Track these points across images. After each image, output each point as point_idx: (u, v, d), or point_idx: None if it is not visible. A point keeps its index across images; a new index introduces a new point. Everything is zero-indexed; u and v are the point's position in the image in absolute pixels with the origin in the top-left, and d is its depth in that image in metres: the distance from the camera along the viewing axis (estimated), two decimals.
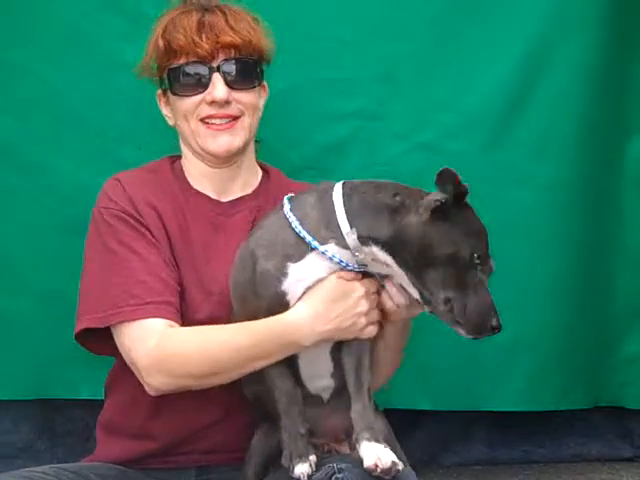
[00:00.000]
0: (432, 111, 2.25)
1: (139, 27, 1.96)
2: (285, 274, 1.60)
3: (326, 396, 1.72)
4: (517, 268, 2.29)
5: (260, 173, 1.97)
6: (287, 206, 1.64)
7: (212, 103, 1.81)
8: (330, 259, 1.59)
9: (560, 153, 2.28)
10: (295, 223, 1.61)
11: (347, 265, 1.61)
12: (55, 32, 2.19)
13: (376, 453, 1.53)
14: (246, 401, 1.81)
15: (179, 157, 1.94)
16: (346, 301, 1.62)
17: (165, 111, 1.92)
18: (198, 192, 1.88)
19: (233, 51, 1.81)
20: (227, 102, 1.81)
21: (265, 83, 1.93)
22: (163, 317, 1.71)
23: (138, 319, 1.70)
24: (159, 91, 1.92)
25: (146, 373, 1.69)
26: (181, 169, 1.92)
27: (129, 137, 2.20)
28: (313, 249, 1.59)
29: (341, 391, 1.67)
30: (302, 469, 1.60)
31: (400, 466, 1.52)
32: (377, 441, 1.55)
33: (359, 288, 1.64)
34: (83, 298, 1.79)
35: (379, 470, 1.51)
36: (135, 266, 1.74)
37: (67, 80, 2.19)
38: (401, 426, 1.90)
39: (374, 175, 2.19)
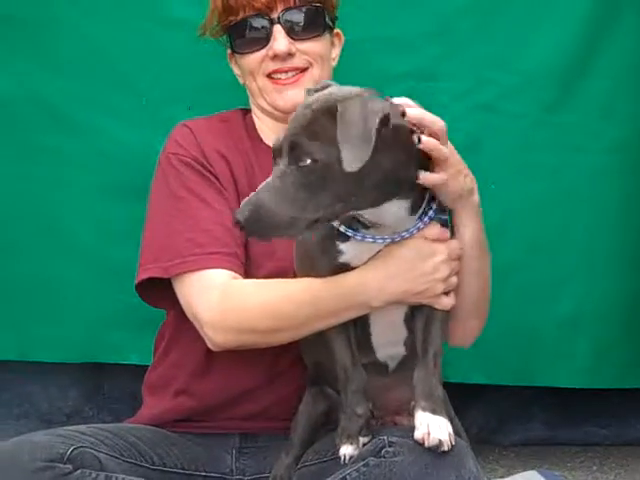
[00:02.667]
0: (490, 70, 2.16)
1: None
2: (340, 251, 1.51)
3: (393, 365, 1.63)
4: (581, 236, 2.21)
5: None
6: None
7: (275, 57, 1.74)
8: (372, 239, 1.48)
9: (628, 113, 2.18)
10: None
11: (387, 239, 1.48)
12: None
13: (427, 426, 1.44)
14: (295, 367, 1.75)
15: (250, 110, 1.88)
16: (424, 263, 1.50)
17: (236, 70, 1.86)
18: (269, 147, 1.82)
19: (292, 0, 1.74)
20: (290, 54, 1.74)
21: (339, 30, 1.85)
22: (227, 268, 1.65)
23: (201, 269, 1.64)
24: (229, 51, 1.85)
25: (208, 328, 1.63)
26: (252, 122, 1.86)
27: (178, 97, 2.16)
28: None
29: (407, 361, 1.59)
30: (346, 450, 1.52)
31: (446, 447, 1.42)
32: (434, 412, 1.46)
33: (441, 251, 1.51)
34: (147, 246, 1.73)
35: (426, 445, 1.43)
36: (202, 214, 1.69)
37: (114, 37, 2.16)
38: (457, 403, 1.81)
39: None
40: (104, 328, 2.24)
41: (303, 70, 1.76)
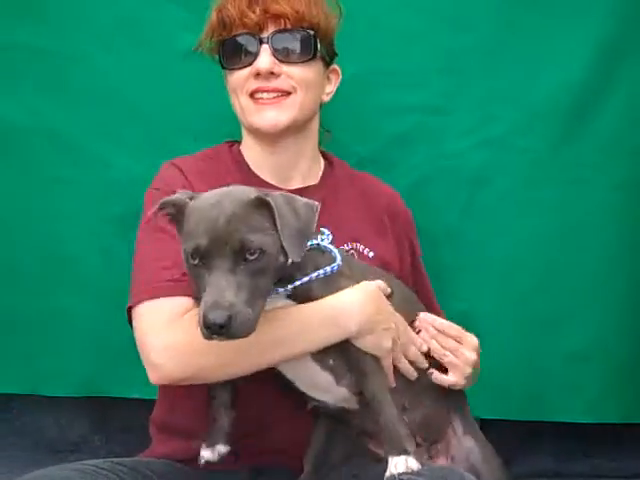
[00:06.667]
0: (498, 106, 2.18)
1: (197, 15, 1.91)
2: None
3: (353, 405, 1.66)
4: (589, 272, 2.21)
5: (323, 162, 1.92)
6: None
7: (257, 75, 1.76)
8: None
9: (634, 149, 2.19)
10: None
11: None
12: (111, 20, 2.18)
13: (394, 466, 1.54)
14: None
15: (237, 142, 1.90)
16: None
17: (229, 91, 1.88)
18: (260, 179, 1.84)
19: (283, 22, 1.76)
20: (273, 74, 1.76)
21: (337, 67, 1.89)
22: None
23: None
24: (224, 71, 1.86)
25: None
26: (240, 153, 1.88)
27: (185, 128, 2.17)
28: None
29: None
30: (204, 452, 1.64)
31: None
32: (399, 453, 1.55)
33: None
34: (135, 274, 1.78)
35: None
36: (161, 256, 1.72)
37: (122, 69, 2.18)
38: None
39: (439, 169, 2.19)
40: (108, 362, 2.24)
41: (287, 94, 1.78)
